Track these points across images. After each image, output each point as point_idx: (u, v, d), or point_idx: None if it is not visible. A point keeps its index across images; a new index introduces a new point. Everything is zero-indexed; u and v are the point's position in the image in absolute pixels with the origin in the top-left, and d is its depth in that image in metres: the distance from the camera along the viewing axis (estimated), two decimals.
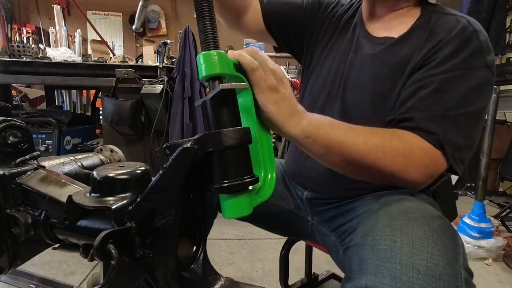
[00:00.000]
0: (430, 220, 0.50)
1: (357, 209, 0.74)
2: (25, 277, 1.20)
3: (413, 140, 0.61)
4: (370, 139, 0.58)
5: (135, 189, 0.42)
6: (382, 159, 0.58)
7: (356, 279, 0.47)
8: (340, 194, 0.79)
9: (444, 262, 0.44)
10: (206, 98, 0.44)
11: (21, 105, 3.09)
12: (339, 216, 0.79)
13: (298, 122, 0.53)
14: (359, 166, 0.60)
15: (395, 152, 0.59)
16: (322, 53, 0.86)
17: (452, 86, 0.63)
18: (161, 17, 5.12)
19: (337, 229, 0.78)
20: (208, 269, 0.48)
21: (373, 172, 0.60)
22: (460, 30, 0.66)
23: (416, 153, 0.60)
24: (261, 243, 2.02)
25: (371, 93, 0.73)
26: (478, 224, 1.98)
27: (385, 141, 0.59)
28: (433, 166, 0.62)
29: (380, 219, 0.53)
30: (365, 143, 0.58)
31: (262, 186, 0.49)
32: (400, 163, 0.59)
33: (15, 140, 0.49)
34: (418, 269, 0.43)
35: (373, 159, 0.58)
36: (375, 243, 0.48)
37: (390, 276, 0.43)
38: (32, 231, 0.46)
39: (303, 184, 0.88)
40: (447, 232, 0.49)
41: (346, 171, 0.63)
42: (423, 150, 0.61)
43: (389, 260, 0.45)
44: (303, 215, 0.89)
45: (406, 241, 0.46)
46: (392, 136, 0.61)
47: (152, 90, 2.03)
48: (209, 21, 0.45)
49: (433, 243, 0.46)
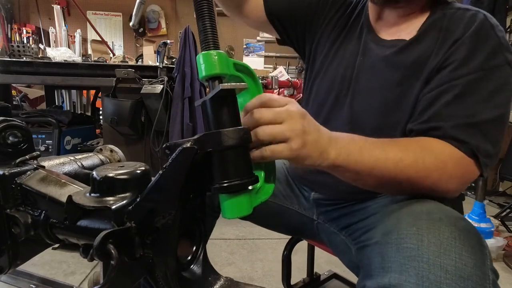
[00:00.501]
0: (455, 221, 0.49)
1: (369, 208, 0.73)
2: (25, 277, 1.20)
3: (446, 151, 0.59)
4: (402, 159, 0.56)
5: (135, 189, 0.42)
6: (415, 178, 0.57)
7: (379, 277, 0.46)
8: (349, 197, 0.78)
9: (472, 263, 0.44)
10: (206, 98, 0.44)
11: (21, 105, 3.09)
12: (348, 214, 0.78)
13: (326, 157, 0.51)
14: (392, 186, 0.59)
15: (429, 169, 0.57)
16: (328, 54, 0.83)
17: (475, 89, 0.61)
18: (161, 17, 5.12)
19: (347, 227, 0.77)
20: (208, 269, 0.48)
21: (406, 189, 0.59)
22: (477, 27, 0.63)
23: (449, 165, 0.58)
24: (261, 243, 2.02)
25: (382, 99, 0.70)
26: (478, 224, 1.98)
27: (418, 160, 0.57)
28: (467, 175, 0.61)
29: (404, 218, 0.52)
30: (397, 165, 0.56)
31: (262, 186, 0.49)
32: (434, 178, 0.57)
33: (15, 140, 0.49)
34: (446, 269, 0.42)
35: (405, 179, 0.57)
36: (400, 241, 0.47)
37: (417, 275, 0.43)
38: (32, 231, 0.46)
39: (310, 187, 0.88)
40: (472, 233, 0.48)
41: (378, 190, 0.62)
42: (457, 160, 0.59)
43: (416, 259, 0.44)
44: (308, 214, 0.89)
45: (433, 241, 0.45)
46: (424, 151, 0.58)
47: (152, 90, 2.03)
48: (209, 21, 0.45)
49: (460, 243, 0.45)
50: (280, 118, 0.46)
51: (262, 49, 5.31)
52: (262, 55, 5.31)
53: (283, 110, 0.47)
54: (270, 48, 5.25)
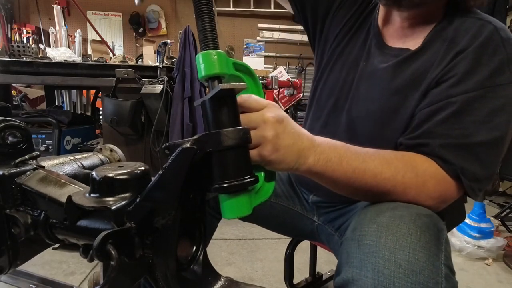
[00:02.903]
0: (416, 217, 0.50)
1: (356, 208, 0.74)
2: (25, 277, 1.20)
3: (428, 170, 0.58)
4: (381, 172, 0.55)
5: (135, 189, 0.42)
6: (393, 192, 0.56)
7: (343, 272, 0.49)
8: (343, 199, 0.78)
9: (425, 258, 0.45)
10: (206, 98, 0.44)
11: (21, 105, 3.09)
12: (341, 216, 0.79)
13: (303, 162, 0.52)
14: (370, 197, 0.59)
15: (407, 185, 0.56)
16: (334, 53, 0.81)
17: (473, 109, 0.57)
18: (161, 17, 5.13)
19: (339, 228, 0.79)
20: (208, 269, 0.48)
21: (383, 200, 0.58)
22: (485, 40, 0.59)
23: (429, 184, 0.57)
24: (261, 243, 2.02)
25: (380, 108, 0.69)
26: (478, 224, 1.98)
27: (398, 175, 0.56)
28: (446, 196, 0.59)
29: (368, 215, 0.53)
30: (375, 177, 0.55)
31: (262, 186, 0.49)
32: (412, 194, 0.56)
33: (14, 140, 0.49)
34: (400, 264, 0.44)
35: (383, 192, 0.56)
36: (362, 238, 0.50)
37: (373, 270, 0.45)
38: (32, 231, 0.46)
39: (308, 188, 0.89)
40: (431, 229, 0.50)
41: (356, 198, 0.62)
42: (438, 180, 0.57)
43: (373, 255, 0.46)
44: (309, 215, 0.89)
45: (390, 237, 0.47)
46: (406, 166, 0.57)
47: (152, 90, 2.03)
48: (208, 20, 0.45)
49: (415, 239, 0.47)
50: (253, 123, 0.47)
51: (262, 49, 5.31)
52: (262, 55, 5.31)
53: (257, 116, 0.48)
54: (270, 48, 5.26)
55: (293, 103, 3.56)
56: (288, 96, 3.52)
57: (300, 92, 3.65)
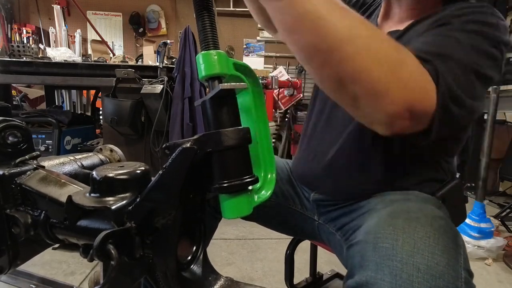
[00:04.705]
0: (432, 220, 0.50)
1: (361, 208, 0.74)
2: (25, 277, 1.21)
3: (410, 57, 0.48)
4: (359, 28, 0.44)
5: (135, 189, 0.42)
6: (363, 59, 0.43)
7: (357, 275, 0.47)
8: (345, 196, 0.79)
9: (444, 262, 0.44)
10: (206, 98, 0.44)
11: (21, 105, 3.09)
12: (344, 215, 0.79)
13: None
14: (330, 59, 0.44)
15: (382, 56, 0.44)
16: None
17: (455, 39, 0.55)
18: (161, 17, 5.13)
19: (342, 228, 0.78)
20: (208, 269, 0.48)
21: (342, 76, 0.44)
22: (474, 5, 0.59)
23: (406, 69, 0.46)
24: (261, 243, 2.02)
25: None
26: (478, 224, 1.98)
27: (376, 38, 0.45)
28: (419, 96, 0.47)
29: (383, 218, 0.53)
30: (350, 30, 0.43)
31: (262, 186, 0.49)
32: (383, 73, 0.44)
33: (14, 140, 0.49)
34: (419, 268, 0.43)
35: (351, 53, 0.43)
36: (377, 241, 0.48)
37: (391, 273, 0.44)
38: (32, 231, 0.46)
39: (310, 186, 0.88)
40: (449, 232, 0.49)
41: (310, 61, 0.47)
42: (416, 70, 0.48)
43: (390, 258, 0.45)
44: (310, 215, 0.89)
45: (407, 240, 0.46)
46: (389, 40, 0.46)
47: (152, 90, 2.03)
48: (209, 20, 0.45)
49: (434, 242, 0.46)
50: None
51: (262, 49, 5.32)
52: (262, 55, 5.31)
53: None
54: (270, 48, 5.26)
55: (293, 103, 3.56)
56: (288, 96, 3.52)
57: (300, 92, 3.65)
